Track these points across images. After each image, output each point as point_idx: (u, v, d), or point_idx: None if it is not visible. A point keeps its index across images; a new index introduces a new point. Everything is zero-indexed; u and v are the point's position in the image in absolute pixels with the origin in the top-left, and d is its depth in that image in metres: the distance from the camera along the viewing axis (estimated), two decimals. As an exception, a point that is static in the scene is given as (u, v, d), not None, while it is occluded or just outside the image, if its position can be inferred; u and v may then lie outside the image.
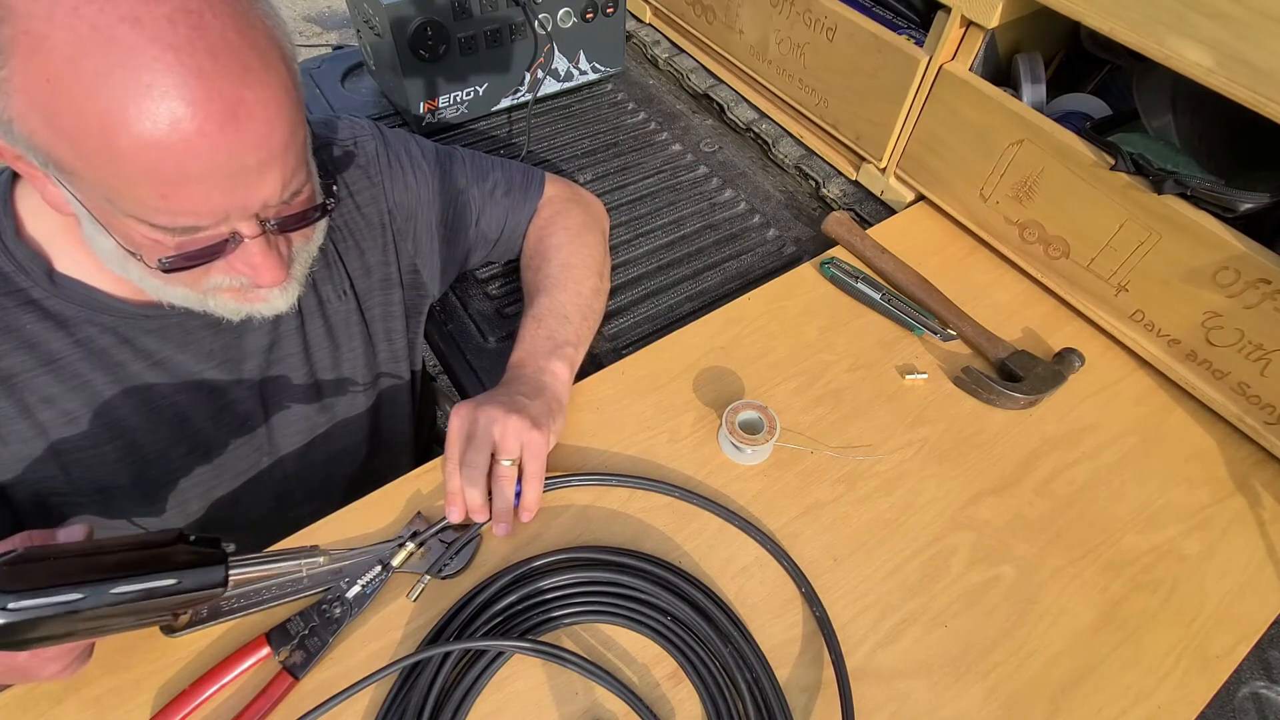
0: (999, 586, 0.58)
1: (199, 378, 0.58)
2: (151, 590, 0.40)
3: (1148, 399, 0.72)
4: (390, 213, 0.66)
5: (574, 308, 0.67)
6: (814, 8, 0.86)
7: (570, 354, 0.64)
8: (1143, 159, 0.65)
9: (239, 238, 0.45)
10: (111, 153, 0.37)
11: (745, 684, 0.50)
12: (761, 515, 0.60)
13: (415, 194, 0.67)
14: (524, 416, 0.55)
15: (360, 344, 0.67)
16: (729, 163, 1.01)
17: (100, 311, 0.52)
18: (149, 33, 0.35)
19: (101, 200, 0.40)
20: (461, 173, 0.71)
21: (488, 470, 0.55)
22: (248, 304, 0.51)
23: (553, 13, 0.97)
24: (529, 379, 0.60)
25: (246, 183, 0.41)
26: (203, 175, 0.39)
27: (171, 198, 0.40)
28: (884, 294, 0.75)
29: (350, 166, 0.64)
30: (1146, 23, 0.59)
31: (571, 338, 0.65)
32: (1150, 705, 0.53)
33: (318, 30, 2.85)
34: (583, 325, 0.68)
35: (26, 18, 0.34)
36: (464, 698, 0.50)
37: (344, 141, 0.64)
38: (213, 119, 0.38)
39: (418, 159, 0.68)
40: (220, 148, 0.39)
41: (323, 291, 0.63)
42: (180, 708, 0.48)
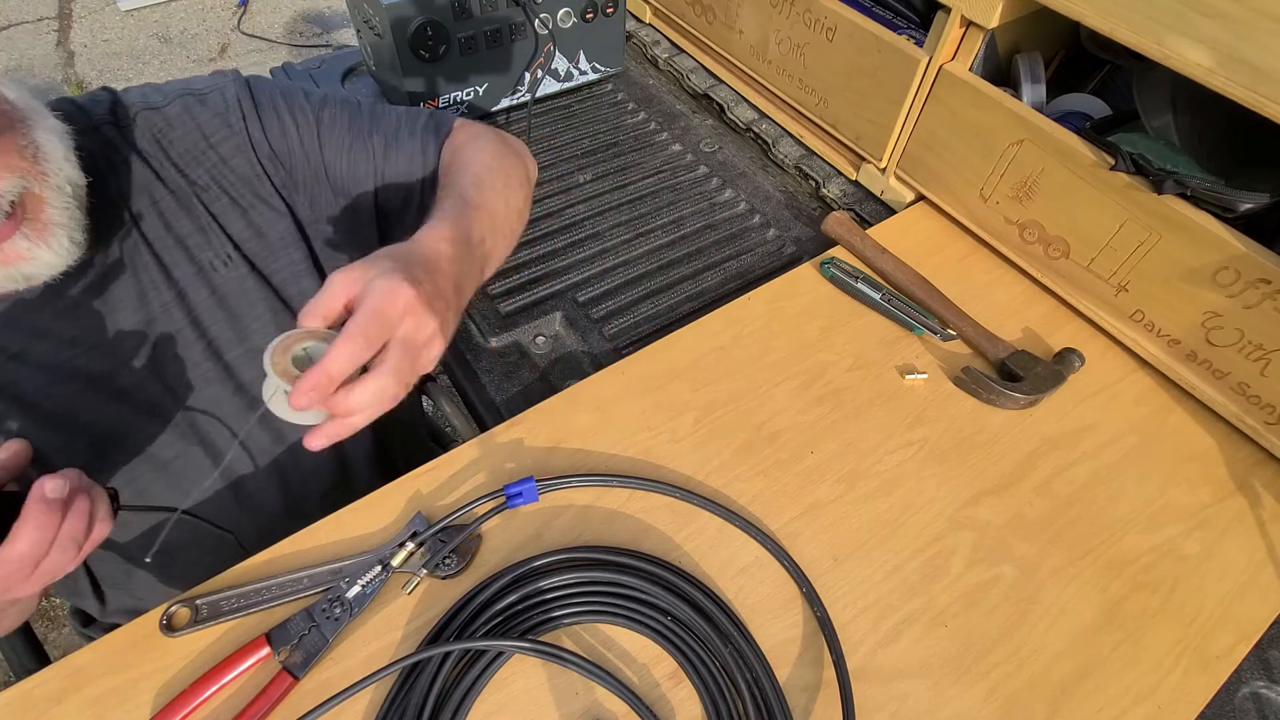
0: (999, 586, 0.58)
1: (70, 368, 0.56)
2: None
3: (1148, 399, 0.72)
4: (264, 163, 0.62)
5: (501, 214, 0.59)
6: (814, 8, 0.86)
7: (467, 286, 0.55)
8: (1143, 159, 0.65)
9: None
10: None
11: (745, 684, 0.50)
12: (761, 515, 0.60)
13: (295, 140, 0.63)
14: (442, 336, 0.47)
15: (265, 309, 0.63)
16: (729, 163, 1.01)
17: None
18: None
19: None
20: (356, 116, 0.65)
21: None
22: (7, 266, 0.48)
23: (553, 13, 0.97)
24: (446, 273, 0.51)
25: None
26: None
27: None
28: (884, 294, 0.75)
29: (206, 117, 0.60)
30: (1146, 23, 0.59)
31: (485, 259, 0.57)
32: (1150, 705, 0.53)
33: (318, 30, 2.85)
34: (498, 239, 0.59)
35: None
36: (464, 698, 0.50)
37: (200, 92, 0.60)
38: None
39: (298, 104, 0.63)
40: None
41: (201, 259, 0.60)
42: (180, 708, 0.48)
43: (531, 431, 0.65)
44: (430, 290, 0.46)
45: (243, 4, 2.92)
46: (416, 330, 0.44)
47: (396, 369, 0.44)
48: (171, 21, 2.84)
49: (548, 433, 0.65)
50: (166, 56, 2.69)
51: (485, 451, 0.63)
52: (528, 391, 0.74)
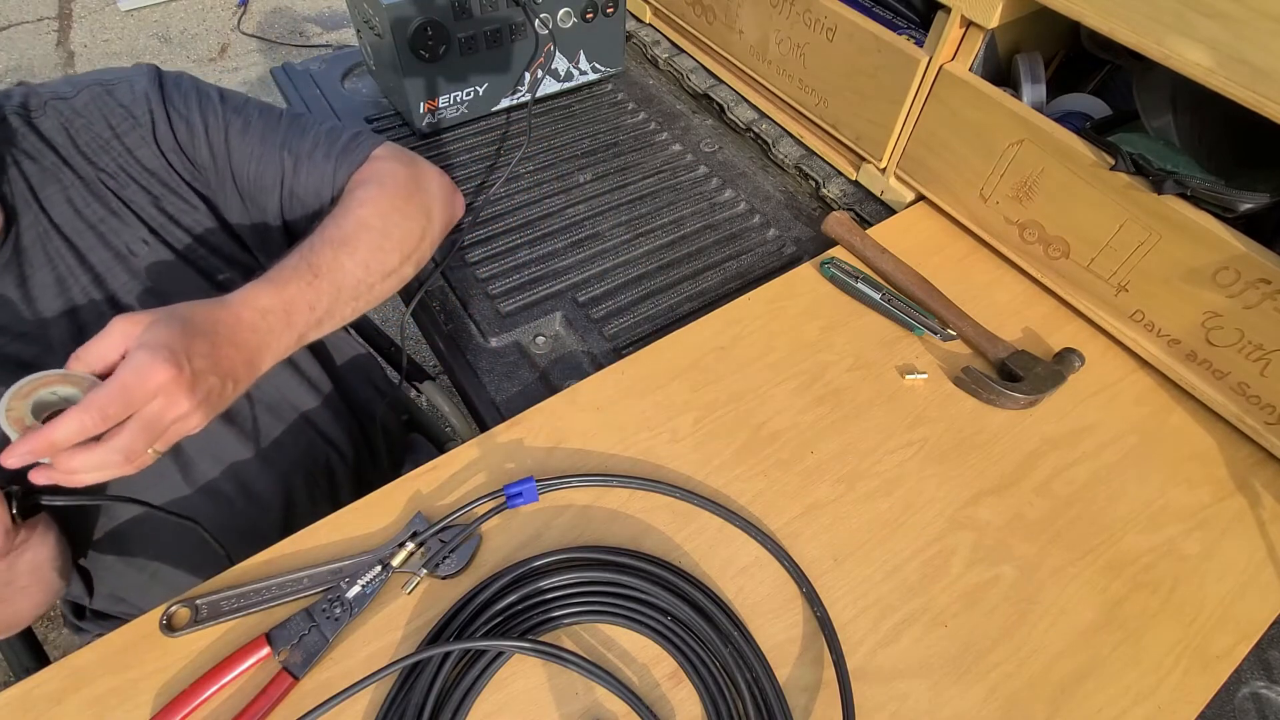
0: (999, 586, 0.58)
1: (1, 355, 0.56)
2: None
3: (1148, 399, 0.72)
4: (169, 156, 0.62)
5: (351, 281, 0.58)
6: (814, 8, 0.86)
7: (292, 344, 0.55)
8: (1143, 159, 0.65)
9: None
10: None
11: (745, 684, 0.50)
12: (761, 515, 0.60)
13: (202, 139, 0.62)
14: (201, 414, 0.47)
15: (196, 290, 0.62)
16: (729, 163, 1.01)
17: None
18: None
19: None
20: (272, 128, 0.65)
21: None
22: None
23: (553, 13, 0.97)
24: (243, 342, 0.51)
25: None
26: None
27: None
28: (884, 294, 0.75)
29: (112, 107, 0.60)
30: (1146, 23, 0.59)
31: (318, 321, 0.57)
32: (1150, 705, 0.53)
33: (318, 30, 2.85)
34: (342, 305, 0.58)
35: None
36: (464, 698, 0.50)
37: (109, 83, 0.61)
38: None
39: (211, 105, 0.63)
40: None
41: (116, 244, 0.60)
42: (180, 708, 0.48)
43: (531, 431, 0.65)
44: (201, 367, 0.46)
45: (243, 4, 2.92)
46: (165, 410, 0.45)
47: (126, 448, 0.44)
48: (171, 21, 2.84)
49: (548, 433, 0.65)
50: (166, 56, 2.69)
51: (485, 451, 0.63)
52: (528, 391, 0.74)
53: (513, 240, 0.88)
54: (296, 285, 0.55)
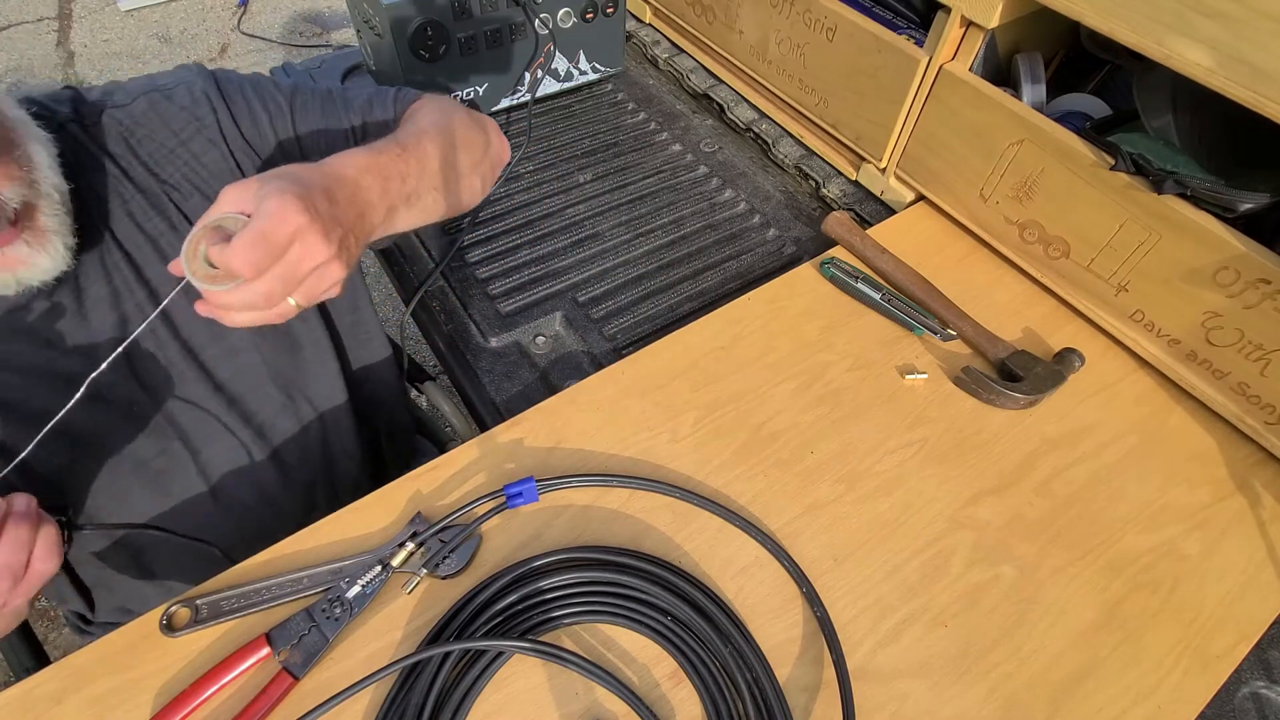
0: (999, 586, 0.58)
1: (47, 370, 0.55)
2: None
3: (1148, 399, 0.72)
4: (237, 155, 0.61)
5: (434, 165, 0.57)
6: (814, 8, 0.86)
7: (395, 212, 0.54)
8: (1143, 159, 0.65)
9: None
10: None
11: (745, 684, 0.50)
12: (761, 515, 0.60)
13: (268, 128, 0.62)
14: (341, 266, 0.47)
15: None
16: (729, 163, 1.01)
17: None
18: None
19: None
20: (328, 99, 0.65)
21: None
22: (9, 271, 0.49)
23: (553, 13, 0.97)
24: (364, 213, 0.50)
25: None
26: None
27: None
28: (884, 294, 0.75)
29: (174, 113, 0.59)
30: (1146, 23, 0.59)
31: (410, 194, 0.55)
32: (1150, 705, 0.53)
33: (318, 30, 2.85)
34: (426, 188, 0.57)
35: None
36: (464, 698, 0.50)
37: (165, 88, 0.60)
38: None
39: (268, 93, 0.63)
40: None
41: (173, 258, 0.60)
42: (180, 708, 0.48)
43: (531, 431, 0.65)
44: (327, 215, 0.45)
45: (243, 4, 2.92)
46: (303, 257, 0.44)
47: (265, 291, 0.43)
48: (171, 21, 2.84)
49: (548, 433, 0.65)
50: (166, 56, 2.69)
51: (485, 451, 0.63)
52: (528, 391, 0.74)
53: (513, 240, 0.88)
54: (388, 155, 0.54)
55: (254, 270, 0.42)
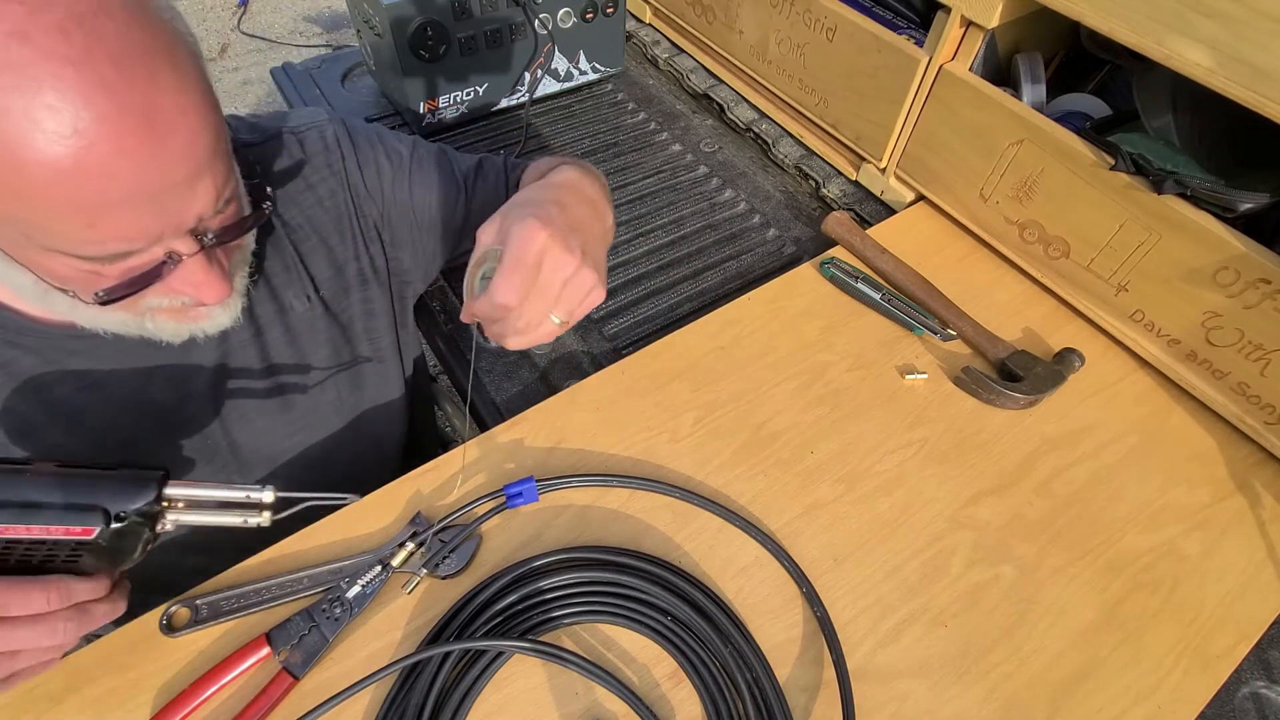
0: (999, 586, 0.58)
1: (141, 399, 0.55)
2: (94, 471, 0.40)
3: (1148, 399, 0.72)
4: (357, 203, 0.62)
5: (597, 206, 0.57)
6: (814, 8, 0.86)
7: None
8: (1143, 159, 0.65)
9: (177, 256, 0.42)
10: (24, 187, 0.34)
11: (745, 684, 0.50)
12: (761, 515, 0.60)
13: (390, 180, 0.63)
14: (592, 273, 0.48)
15: (330, 349, 0.64)
16: (729, 163, 1.01)
17: (21, 334, 0.48)
18: (41, 48, 0.32)
19: (18, 237, 0.37)
20: (445, 158, 0.67)
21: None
22: (190, 323, 0.49)
23: (553, 13, 0.97)
24: (586, 226, 0.51)
25: (178, 198, 0.39)
26: (128, 198, 0.36)
27: (99, 226, 0.37)
28: (884, 294, 0.75)
29: (308, 157, 0.60)
30: (1146, 23, 0.59)
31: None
32: (1150, 705, 0.53)
33: (318, 30, 2.85)
34: (605, 214, 0.58)
35: None
36: (464, 698, 0.50)
37: (299, 130, 0.60)
38: (129, 134, 0.35)
39: (392, 146, 0.64)
40: (143, 165, 0.36)
41: (284, 298, 0.59)
42: (180, 708, 0.48)
43: (531, 431, 0.65)
44: (563, 225, 0.46)
45: (243, 4, 2.92)
46: (553, 271, 0.45)
47: (528, 314, 0.46)
48: (171, 21, 2.84)
49: (548, 433, 0.65)
50: (166, 56, 2.68)
51: (485, 451, 0.63)
52: (528, 391, 0.74)
53: (513, 240, 0.88)
54: (571, 179, 0.55)
55: (518, 296, 0.44)
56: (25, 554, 0.40)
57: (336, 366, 0.65)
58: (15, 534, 0.38)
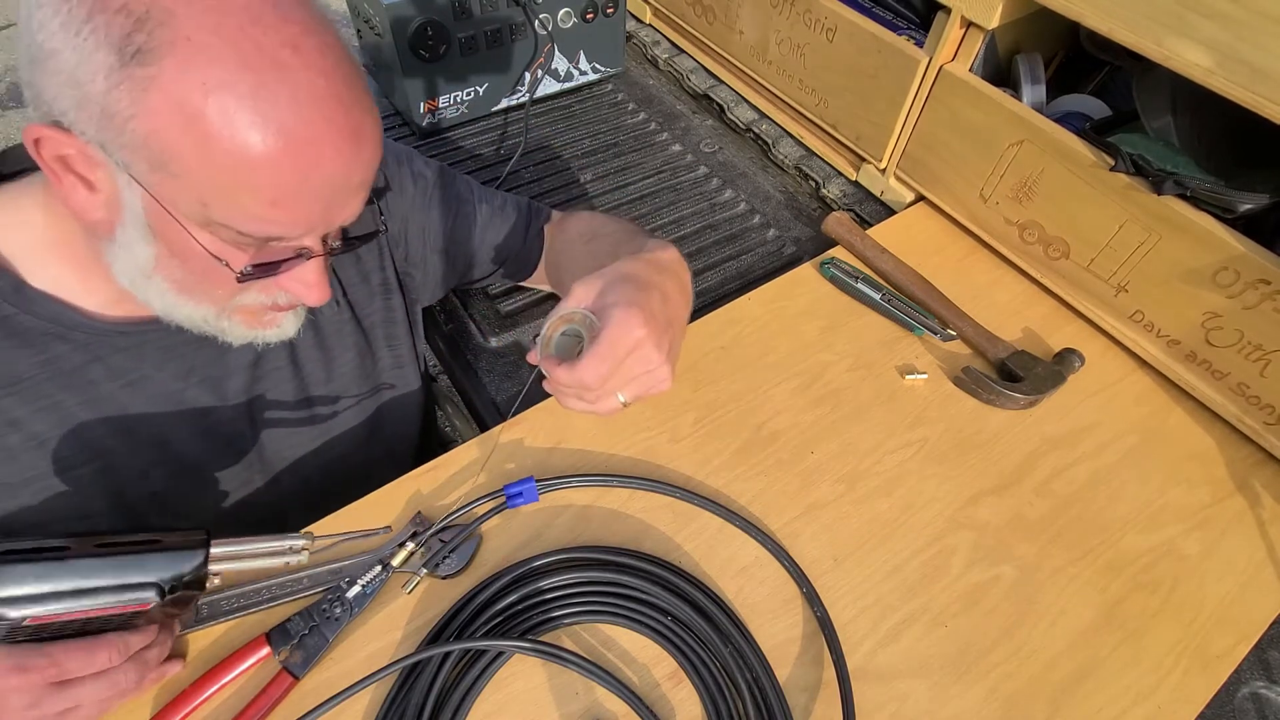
0: (999, 586, 0.58)
1: (179, 397, 0.57)
2: (139, 543, 0.42)
3: (1147, 399, 0.72)
4: (384, 215, 0.64)
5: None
6: (814, 8, 0.86)
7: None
8: (1143, 159, 0.65)
9: (307, 253, 0.46)
10: (245, 158, 0.39)
11: (745, 684, 0.50)
12: (761, 515, 0.60)
13: (412, 199, 0.66)
14: (669, 370, 0.50)
15: (355, 354, 0.66)
16: (729, 163, 1.01)
17: (71, 328, 0.50)
18: (305, 59, 0.39)
19: (193, 203, 0.41)
20: (465, 187, 0.70)
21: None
22: (260, 328, 0.52)
23: (553, 13, 0.97)
24: (679, 321, 0.53)
25: (344, 200, 0.44)
26: (318, 190, 0.42)
27: (281, 205, 0.41)
28: (884, 294, 0.75)
29: None
30: (1146, 23, 0.59)
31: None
32: (1150, 705, 0.53)
33: (318, 30, 2.84)
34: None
35: (191, 26, 0.36)
36: (464, 698, 0.50)
37: None
38: (345, 140, 0.41)
39: (418, 169, 0.67)
40: (342, 167, 0.42)
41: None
42: (180, 708, 0.48)
43: (531, 431, 0.65)
44: (660, 321, 0.48)
45: (242, 4, 2.91)
46: (635, 364, 0.48)
47: (599, 393, 0.48)
48: (171, 21, 2.83)
49: (548, 433, 0.65)
50: (166, 56, 2.68)
51: (485, 451, 0.63)
52: (528, 391, 0.74)
53: (513, 240, 0.88)
54: (674, 255, 0.56)
55: (599, 382, 0.47)
56: (85, 626, 0.42)
57: (360, 371, 0.67)
58: (72, 616, 0.40)
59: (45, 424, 0.51)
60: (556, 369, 0.48)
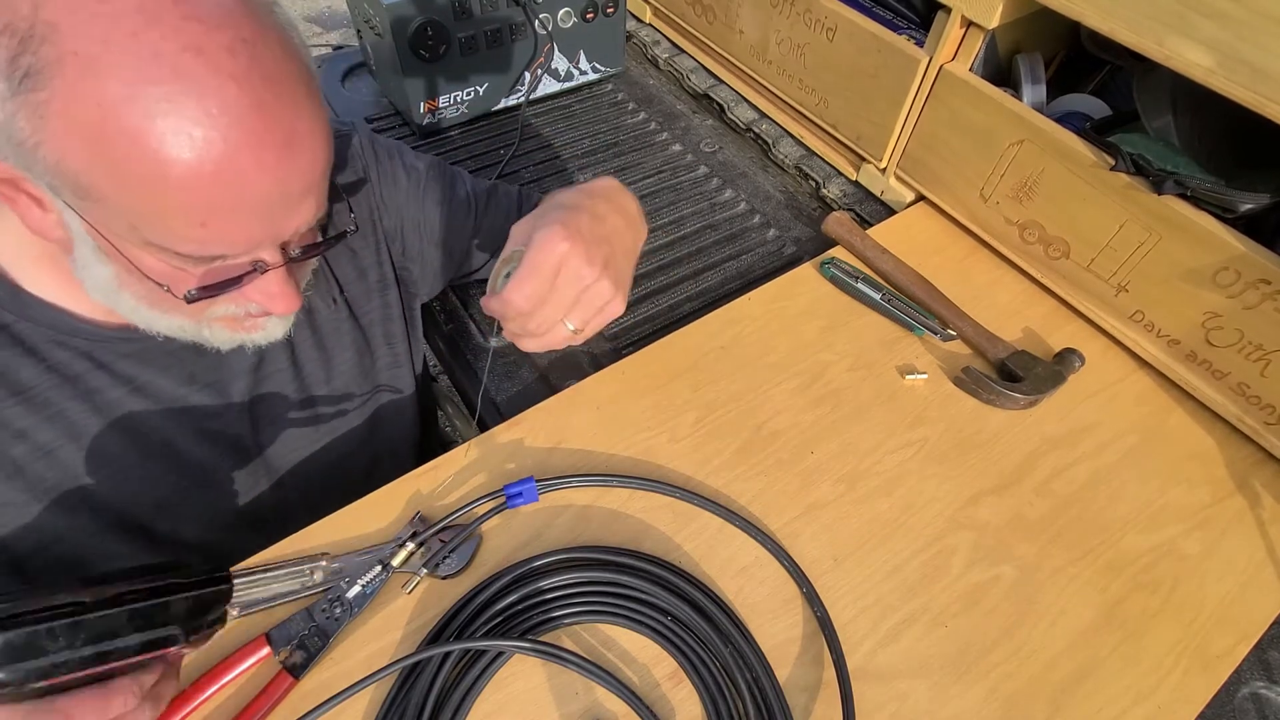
0: (999, 586, 0.58)
1: (183, 402, 0.56)
2: (158, 591, 0.39)
3: (1148, 399, 0.72)
4: (378, 210, 0.64)
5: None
6: (814, 8, 0.86)
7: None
8: (1143, 159, 0.65)
9: (263, 266, 0.44)
10: (159, 180, 0.36)
11: (745, 684, 0.50)
12: (761, 515, 0.60)
13: (406, 192, 0.65)
14: (610, 286, 0.48)
15: (353, 352, 0.66)
16: (729, 163, 1.01)
17: (71, 335, 0.49)
18: (211, 63, 0.35)
19: (124, 228, 0.39)
20: (457, 178, 0.70)
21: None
22: (243, 333, 0.51)
23: (553, 13, 0.97)
24: (615, 237, 0.51)
25: (287, 211, 0.42)
26: (252, 205, 0.39)
27: (211, 225, 0.39)
28: (884, 294, 0.75)
29: (342, 162, 0.61)
30: (1146, 23, 0.59)
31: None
32: (1150, 705, 0.53)
33: (318, 30, 2.85)
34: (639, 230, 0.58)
35: (76, 39, 0.33)
36: (464, 698, 0.50)
37: (336, 134, 0.62)
38: (270, 150, 0.38)
39: (410, 162, 0.66)
40: (274, 178, 0.39)
41: (311, 301, 0.61)
42: (180, 708, 0.48)
43: (531, 431, 0.65)
44: (590, 236, 0.46)
45: (243, 4, 2.91)
46: (570, 282, 0.46)
47: (542, 318, 0.47)
48: (171, 21, 2.83)
49: (548, 433, 0.65)
50: (166, 56, 2.68)
51: (485, 451, 0.63)
52: (528, 391, 0.74)
53: (513, 240, 0.88)
54: (612, 182, 0.56)
55: (528, 302, 0.45)
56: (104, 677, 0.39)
57: (359, 369, 0.67)
58: (97, 672, 0.37)
59: (52, 434, 0.51)
60: (490, 301, 0.47)
